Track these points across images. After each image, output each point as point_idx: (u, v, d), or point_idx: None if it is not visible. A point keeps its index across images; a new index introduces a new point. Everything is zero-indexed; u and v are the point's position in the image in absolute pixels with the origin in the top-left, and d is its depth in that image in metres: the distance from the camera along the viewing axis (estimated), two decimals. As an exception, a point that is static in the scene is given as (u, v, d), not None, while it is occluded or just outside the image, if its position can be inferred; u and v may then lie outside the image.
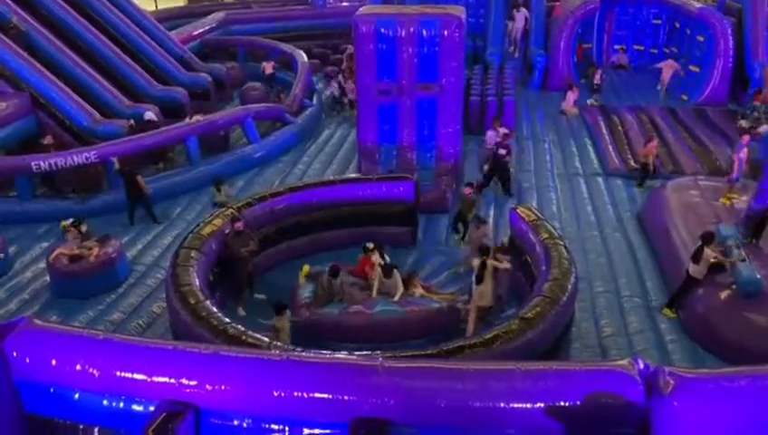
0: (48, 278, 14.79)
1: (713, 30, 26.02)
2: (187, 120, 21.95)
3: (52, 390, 7.56)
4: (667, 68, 28.22)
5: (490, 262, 12.50)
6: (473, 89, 24.40)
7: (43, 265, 15.28)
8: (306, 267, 13.77)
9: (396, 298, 12.70)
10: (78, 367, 7.40)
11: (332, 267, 13.02)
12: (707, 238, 12.75)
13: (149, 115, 21.97)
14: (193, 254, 12.51)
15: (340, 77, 27.39)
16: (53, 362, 7.47)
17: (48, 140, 20.11)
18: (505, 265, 12.69)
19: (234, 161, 20.96)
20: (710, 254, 12.67)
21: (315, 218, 15.30)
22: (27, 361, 7.55)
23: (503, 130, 20.29)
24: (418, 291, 13.06)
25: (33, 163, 17.89)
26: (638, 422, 7.10)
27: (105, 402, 7.47)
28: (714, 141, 22.37)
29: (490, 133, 20.40)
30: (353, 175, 18.88)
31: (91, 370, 7.38)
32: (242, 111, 22.61)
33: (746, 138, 17.33)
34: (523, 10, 30.29)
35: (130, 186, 17.45)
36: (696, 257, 12.75)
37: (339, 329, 12.01)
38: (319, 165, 21.57)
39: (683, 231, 14.69)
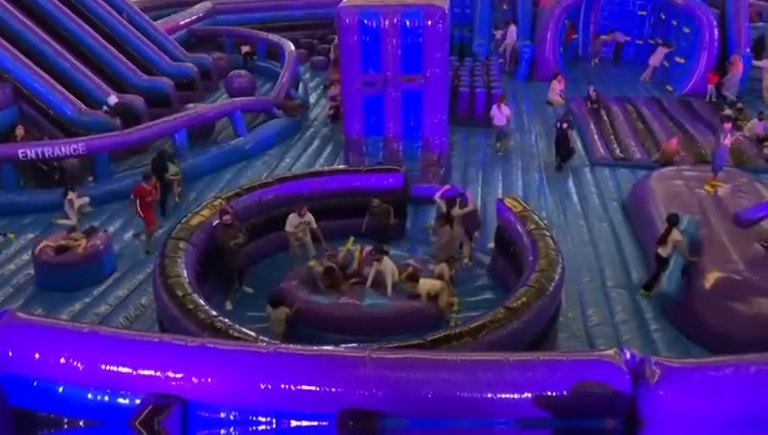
0: (33, 271, 14.68)
1: (698, 22, 26.19)
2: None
3: (35, 383, 7.49)
4: (657, 55, 28.71)
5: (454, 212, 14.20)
6: (461, 80, 24.39)
7: (27, 256, 15.18)
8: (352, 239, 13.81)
9: (388, 284, 12.52)
10: (62, 360, 7.33)
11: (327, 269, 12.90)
12: (674, 220, 13.21)
13: (113, 99, 21.81)
14: (181, 245, 12.44)
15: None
16: (37, 355, 7.40)
17: (19, 131, 19.85)
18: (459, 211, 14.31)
19: (222, 154, 20.89)
20: (677, 235, 13.02)
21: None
22: (10, 354, 7.47)
23: (506, 110, 21.41)
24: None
25: (20, 152, 17.76)
26: (624, 412, 7.13)
27: (90, 396, 7.41)
28: (699, 131, 22.50)
29: (496, 113, 21.35)
30: (342, 166, 18.83)
31: (75, 363, 7.31)
32: (231, 103, 22.55)
33: (728, 125, 17.37)
34: (513, 26, 30.03)
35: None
36: (663, 239, 13.18)
37: (329, 319, 11.92)
38: (306, 159, 21.51)
39: (667, 220, 14.76)
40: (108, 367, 7.27)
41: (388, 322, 11.89)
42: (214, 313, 10.60)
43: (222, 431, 7.35)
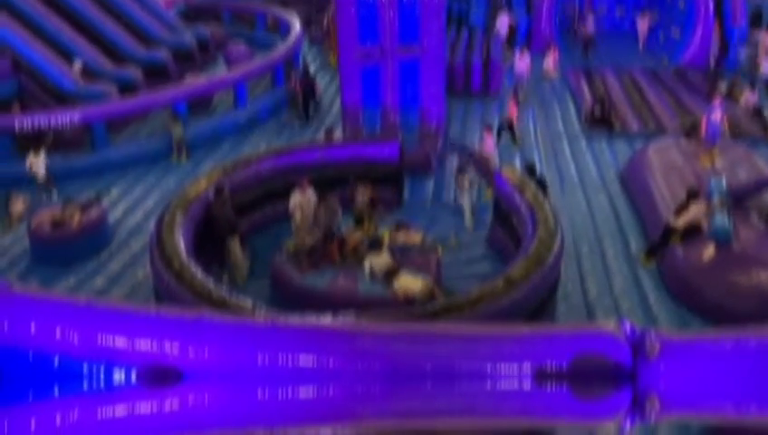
0: (28, 244, 14.60)
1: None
2: None
3: (31, 355, 7.43)
4: (643, 22, 28.74)
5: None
6: (457, 52, 24.25)
7: (21, 230, 15.08)
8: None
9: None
10: (58, 332, 7.28)
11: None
12: (694, 194, 13.15)
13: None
14: (178, 216, 12.37)
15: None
16: (33, 327, 7.34)
17: (15, 108, 19.69)
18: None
19: (220, 125, 20.85)
20: (695, 207, 12.95)
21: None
22: (5, 326, 7.41)
23: (527, 58, 24.00)
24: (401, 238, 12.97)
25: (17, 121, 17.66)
26: (624, 384, 7.11)
27: (86, 368, 7.37)
28: (695, 102, 22.40)
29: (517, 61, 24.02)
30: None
31: (71, 335, 7.27)
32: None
33: (718, 99, 17.38)
34: (505, 16, 28.85)
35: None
36: (680, 211, 13.09)
37: (325, 301, 11.36)
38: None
39: (665, 191, 14.70)
40: (104, 339, 7.24)
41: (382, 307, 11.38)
42: (211, 283, 10.56)
43: (217, 402, 7.34)
